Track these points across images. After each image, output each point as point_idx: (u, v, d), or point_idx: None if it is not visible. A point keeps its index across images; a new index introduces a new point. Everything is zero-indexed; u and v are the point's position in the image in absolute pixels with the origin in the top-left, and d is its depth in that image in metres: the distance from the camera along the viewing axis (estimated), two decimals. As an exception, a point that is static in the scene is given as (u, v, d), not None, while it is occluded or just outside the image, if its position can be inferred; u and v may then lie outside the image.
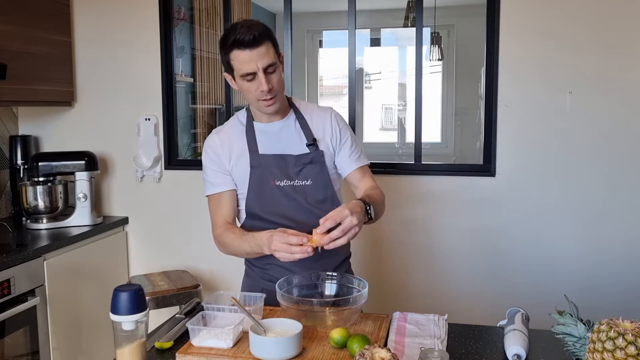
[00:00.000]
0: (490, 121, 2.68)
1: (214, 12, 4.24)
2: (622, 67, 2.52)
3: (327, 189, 1.74)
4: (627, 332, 1.07)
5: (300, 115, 1.77)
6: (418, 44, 2.81)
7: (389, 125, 6.64)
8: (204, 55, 4.23)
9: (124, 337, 1.21)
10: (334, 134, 1.77)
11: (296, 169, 1.71)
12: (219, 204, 1.76)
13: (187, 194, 3.00)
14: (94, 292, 2.72)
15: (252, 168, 1.71)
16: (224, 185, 1.74)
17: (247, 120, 1.76)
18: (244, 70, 1.59)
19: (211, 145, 1.76)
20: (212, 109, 4.43)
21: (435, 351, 1.17)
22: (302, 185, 1.71)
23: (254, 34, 1.56)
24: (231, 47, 1.58)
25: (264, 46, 1.58)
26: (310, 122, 1.76)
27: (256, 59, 1.57)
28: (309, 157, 1.72)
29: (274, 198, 1.71)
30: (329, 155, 1.76)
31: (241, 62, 1.58)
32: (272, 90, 1.62)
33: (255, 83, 1.60)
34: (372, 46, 6.56)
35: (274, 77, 1.62)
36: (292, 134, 1.75)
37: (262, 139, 1.73)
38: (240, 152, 1.73)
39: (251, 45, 1.56)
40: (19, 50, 2.61)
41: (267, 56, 1.59)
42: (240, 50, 1.57)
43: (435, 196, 2.76)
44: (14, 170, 2.96)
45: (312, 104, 1.84)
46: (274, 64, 1.61)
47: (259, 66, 1.58)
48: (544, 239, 2.66)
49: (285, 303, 1.46)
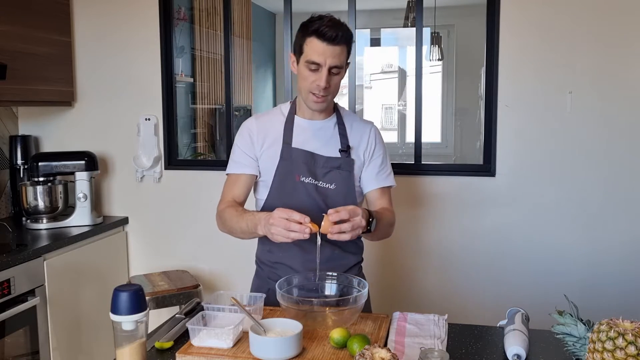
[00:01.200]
0: (490, 121, 2.68)
1: (214, 12, 4.24)
2: (622, 67, 2.52)
3: (349, 197, 1.74)
4: (627, 332, 1.07)
5: (341, 121, 1.78)
6: (418, 44, 2.81)
7: (389, 125, 6.64)
8: (204, 55, 4.23)
9: (124, 337, 1.21)
10: (369, 147, 1.78)
11: (324, 170, 1.72)
12: (234, 183, 1.77)
13: (187, 194, 3.00)
14: (94, 292, 2.72)
15: (281, 160, 1.71)
16: (247, 168, 1.75)
17: (290, 112, 1.77)
18: (312, 58, 1.60)
19: (248, 127, 1.77)
20: (212, 109, 4.43)
21: (435, 351, 1.17)
22: (325, 187, 1.72)
23: (337, 33, 1.58)
24: (312, 33, 1.59)
25: (340, 47, 1.60)
26: (349, 130, 1.77)
27: (329, 54, 1.59)
28: (339, 162, 1.73)
29: (294, 193, 1.70)
30: (359, 165, 1.77)
31: (313, 50, 1.60)
32: (327, 90, 1.64)
33: (315, 75, 1.62)
34: (372, 46, 6.56)
35: (335, 78, 1.64)
36: (328, 135, 1.75)
37: (298, 134, 1.74)
38: (274, 141, 1.74)
39: (330, 40, 1.58)
40: (19, 50, 2.61)
41: (338, 58, 1.61)
42: (319, 41, 1.59)
43: (435, 196, 2.76)
44: (14, 170, 2.96)
45: (355, 114, 1.85)
46: (340, 66, 1.63)
47: (327, 62, 1.60)
48: (544, 239, 2.66)
49: (285, 303, 1.46)
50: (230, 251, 2.94)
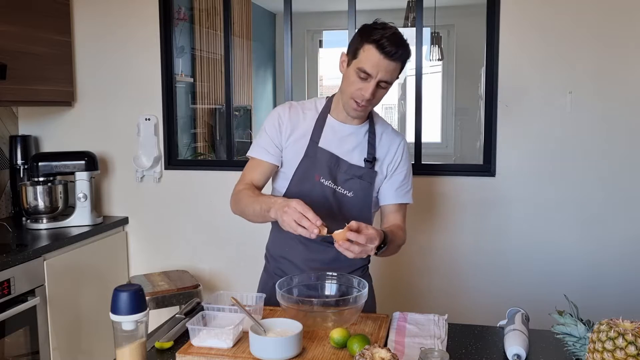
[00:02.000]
0: (490, 121, 2.68)
1: (214, 12, 4.24)
2: (622, 67, 2.52)
3: (365, 207, 1.73)
4: (627, 332, 1.07)
5: (373, 130, 1.75)
6: (418, 44, 2.81)
7: (389, 125, 6.63)
8: (204, 55, 4.23)
9: (124, 337, 1.21)
10: (394, 160, 1.76)
11: (345, 176, 1.69)
12: (255, 168, 1.74)
13: (187, 194, 3.00)
14: (94, 292, 2.72)
15: (305, 156, 1.69)
16: (270, 156, 1.72)
17: (323, 110, 1.73)
18: (365, 67, 1.56)
19: (280, 114, 1.73)
20: (212, 109, 4.43)
21: (435, 351, 1.17)
22: (342, 193, 1.69)
23: (399, 50, 1.55)
24: (372, 42, 1.55)
25: (395, 64, 1.57)
26: (378, 141, 1.74)
27: (382, 68, 1.55)
28: (362, 171, 1.70)
29: (312, 193, 1.68)
30: (381, 178, 1.74)
31: (368, 59, 1.55)
32: (370, 102, 1.61)
33: (363, 83, 1.58)
34: (372, 46, 6.55)
35: (380, 92, 1.62)
36: (357, 142, 1.72)
37: (327, 134, 1.71)
38: (302, 135, 1.71)
39: (389, 55, 1.54)
40: (19, 50, 2.61)
41: (390, 74, 1.58)
42: (377, 52, 1.54)
43: (435, 196, 2.76)
44: (14, 170, 2.96)
45: (388, 124, 1.82)
46: (390, 83, 1.61)
47: (379, 76, 1.56)
48: (544, 238, 2.66)
49: (285, 303, 1.46)
50: (230, 251, 2.94)
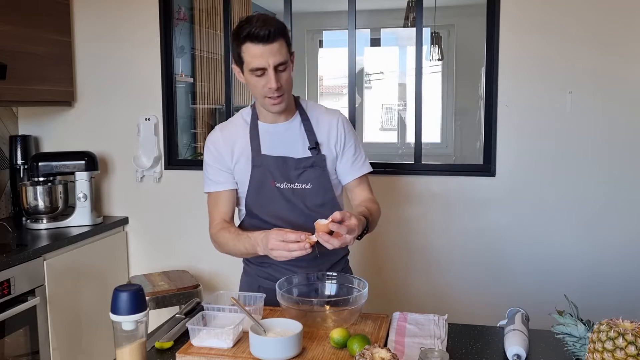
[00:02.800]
0: (490, 121, 2.68)
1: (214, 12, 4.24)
2: (622, 67, 2.52)
3: (327, 193, 1.73)
4: (627, 332, 1.07)
5: (305, 117, 1.74)
6: (418, 44, 2.81)
7: (389, 125, 6.64)
8: (204, 55, 4.23)
9: (124, 337, 1.21)
10: (338, 139, 1.74)
11: (297, 172, 1.69)
12: (217, 202, 1.74)
13: (187, 194, 3.00)
14: (94, 292, 2.72)
15: (253, 168, 1.70)
16: (224, 184, 1.73)
17: (252, 119, 1.73)
18: (254, 65, 1.56)
19: (213, 142, 1.74)
20: (212, 109, 4.43)
21: (435, 351, 1.17)
22: (301, 188, 1.70)
23: (269, 30, 1.53)
24: (244, 39, 1.55)
25: (277, 43, 1.55)
26: (315, 125, 1.73)
27: (268, 55, 1.54)
28: (310, 160, 1.70)
29: (273, 199, 1.70)
30: (332, 159, 1.74)
31: (252, 56, 1.55)
32: (280, 89, 1.59)
33: (263, 79, 1.58)
34: (372, 46, 6.56)
35: (283, 75, 1.59)
36: (295, 136, 1.72)
37: (265, 139, 1.71)
38: (243, 151, 1.71)
39: (265, 40, 1.53)
40: (19, 50, 2.61)
41: (279, 54, 1.56)
42: (253, 44, 1.54)
43: (435, 196, 2.76)
44: (14, 170, 2.96)
45: (320, 105, 1.81)
46: (285, 62, 1.58)
47: (270, 63, 1.55)
48: (544, 238, 2.66)
49: (285, 303, 1.46)
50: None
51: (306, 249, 1.45)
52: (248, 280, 1.84)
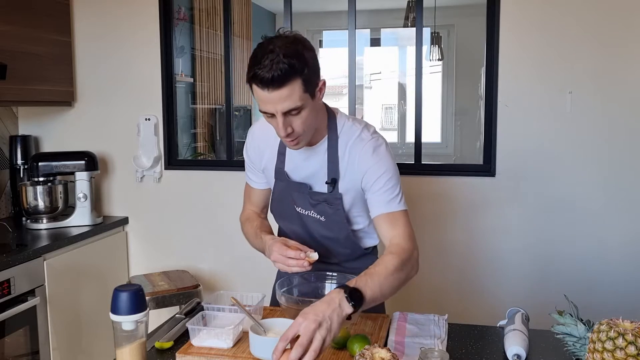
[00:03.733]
0: (490, 121, 2.68)
1: (214, 12, 4.24)
2: (622, 67, 2.52)
3: (341, 230, 1.60)
4: (627, 332, 1.07)
5: (334, 143, 1.54)
6: (418, 44, 2.81)
7: (389, 125, 6.63)
8: (204, 55, 4.23)
9: (124, 337, 1.21)
10: (364, 171, 1.52)
11: (313, 202, 1.59)
12: (249, 194, 1.79)
13: (187, 194, 3.00)
14: (94, 292, 2.72)
15: (276, 180, 1.64)
16: (255, 182, 1.75)
17: None
18: (262, 109, 1.40)
19: (249, 140, 1.70)
20: (212, 109, 4.43)
21: (435, 351, 1.17)
22: (315, 218, 1.62)
23: (273, 74, 1.31)
24: (250, 80, 1.36)
25: (286, 88, 1.33)
26: (342, 153, 1.53)
27: (276, 101, 1.34)
28: (324, 197, 1.57)
29: (290, 216, 1.67)
30: (352, 195, 1.56)
31: (259, 99, 1.37)
32: (293, 134, 1.42)
33: (274, 121, 1.40)
34: (372, 46, 6.56)
35: (296, 119, 1.39)
36: (318, 163, 1.56)
37: (290, 158, 1.60)
38: (270, 158, 1.64)
39: (269, 86, 1.32)
40: (19, 50, 2.61)
41: (288, 100, 1.35)
42: (259, 89, 1.34)
43: (435, 196, 2.76)
44: (14, 170, 2.95)
45: (357, 126, 1.55)
46: (297, 107, 1.36)
47: (278, 109, 1.36)
48: (544, 238, 2.66)
49: (285, 303, 1.46)
50: (230, 251, 2.94)
51: (305, 267, 1.45)
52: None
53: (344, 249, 1.67)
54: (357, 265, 1.66)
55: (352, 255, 1.69)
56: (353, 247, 1.67)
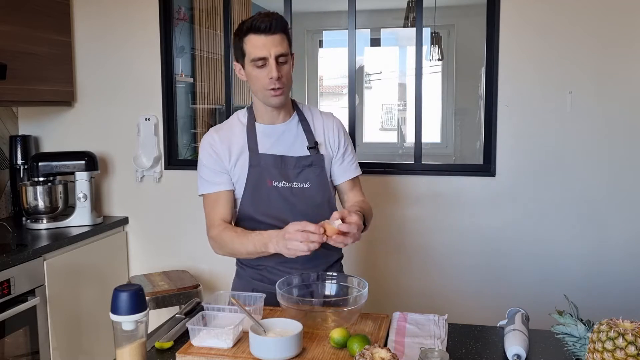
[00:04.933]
0: (490, 121, 2.68)
1: (214, 12, 4.24)
2: (622, 67, 2.52)
3: (325, 192, 1.74)
4: (627, 332, 1.07)
5: (303, 117, 1.76)
6: (418, 44, 2.81)
7: (389, 125, 6.64)
8: (204, 55, 4.23)
9: (124, 337, 1.21)
10: (334, 140, 1.78)
11: (296, 170, 1.70)
12: (215, 203, 1.71)
13: (187, 194, 2.99)
14: (94, 292, 2.72)
15: (250, 167, 1.69)
16: (222, 184, 1.71)
17: (248, 120, 1.74)
18: (256, 54, 1.59)
19: (210, 143, 1.72)
20: (212, 109, 4.43)
21: (435, 351, 1.17)
22: (300, 187, 1.70)
23: (271, 22, 1.58)
24: (247, 32, 1.60)
25: (279, 35, 1.60)
26: (312, 126, 1.76)
27: (270, 45, 1.58)
28: (310, 159, 1.71)
29: (270, 199, 1.69)
30: (329, 159, 1.77)
31: (254, 47, 1.59)
32: (281, 80, 1.61)
33: (265, 70, 1.60)
34: (372, 46, 6.56)
35: (284, 67, 1.63)
36: (293, 136, 1.74)
37: (262, 140, 1.71)
38: (240, 151, 1.70)
39: (267, 31, 1.58)
40: (19, 50, 2.61)
41: (280, 45, 1.60)
42: (256, 35, 1.59)
43: (435, 196, 2.76)
44: (14, 170, 2.96)
45: (315, 107, 1.84)
46: (286, 54, 1.62)
47: (272, 53, 1.59)
48: (544, 238, 2.66)
49: (285, 303, 1.46)
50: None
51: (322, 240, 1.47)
52: (241, 283, 1.83)
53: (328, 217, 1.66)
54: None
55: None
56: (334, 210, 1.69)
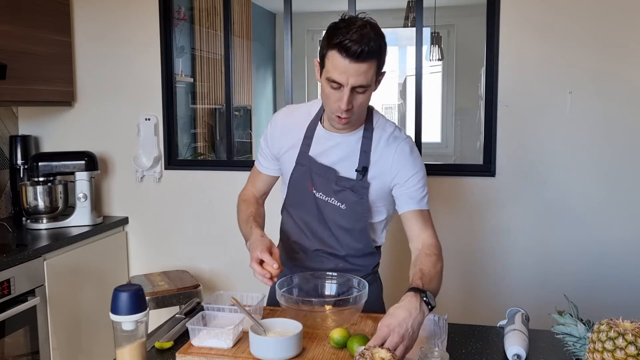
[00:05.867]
0: (490, 121, 2.68)
1: (214, 12, 4.24)
2: (622, 67, 2.52)
3: (360, 220, 1.63)
4: (627, 332, 1.07)
5: (369, 134, 1.59)
6: (418, 44, 2.81)
7: (389, 125, 6.63)
8: (204, 55, 4.23)
9: (124, 337, 1.21)
10: (392, 169, 1.58)
11: (337, 188, 1.59)
12: (255, 177, 1.80)
13: (187, 194, 3.00)
14: (94, 292, 2.72)
15: (297, 165, 1.64)
16: (266, 168, 1.76)
17: (315, 117, 1.65)
18: (333, 76, 1.42)
19: (275, 122, 1.70)
20: (212, 109, 4.43)
21: (435, 351, 1.17)
22: (336, 206, 1.61)
23: (362, 48, 1.37)
24: (334, 46, 1.40)
25: (366, 64, 1.40)
26: (375, 145, 1.59)
27: (351, 73, 1.40)
28: (352, 183, 1.59)
29: (306, 204, 1.65)
30: (378, 188, 1.60)
31: (334, 67, 1.41)
32: (350, 111, 1.46)
33: (337, 93, 1.44)
34: (372, 46, 6.55)
35: (359, 97, 1.46)
36: (349, 151, 1.59)
37: (317, 142, 1.62)
38: (294, 143, 1.65)
39: (354, 57, 1.38)
40: (19, 50, 2.61)
41: (364, 76, 1.41)
42: (341, 57, 1.39)
43: (435, 196, 2.76)
44: (14, 170, 2.95)
45: (392, 125, 1.64)
46: (367, 85, 1.44)
47: (350, 82, 1.41)
48: (544, 238, 2.66)
49: (285, 303, 1.46)
50: (230, 251, 2.94)
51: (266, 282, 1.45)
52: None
53: (357, 243, 1.67)
54: (362, 262, 1.72)
55: (362, 251, 1.70)
56: (366, 241, 1.67)
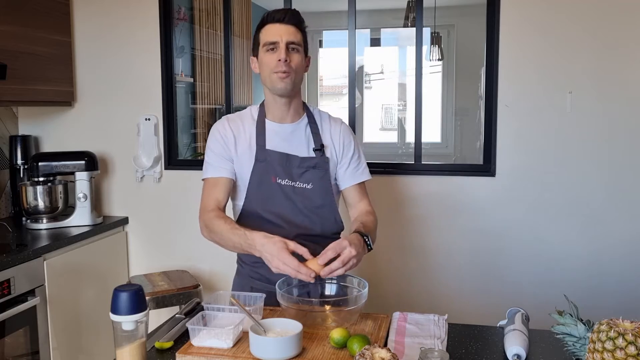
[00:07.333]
0: (490, 121, 2.68)
1: (214, 12, 4.24)
2: (622, 67, 2.52)
3: (327, 195, 1.75)
4: (627, 332, 1.07)
5: (312, 120, 1.79)
6: (418, 44, 2.81)
7: (389, 125, 6.64)
8: (204, 55, 4.23)
9: (124, 337, 1.21)
10: (339, 144, 1.80)
11: (299, 170, 1.72)
12: (214, 187, 1.75)
13: (187, 194, 3.00)
14: (94, 292, 2.72)
15: (256, 162, 1.72)
16: (224, 171, 1.74)
17: (259, 115, 1.77)
18: (267, 39, 1.66)
19: (219, 129, 1.76)
20: (212, 109, 4.43)
21: (435, 351, 1.17)
22: (302, 187, 1.72)
23: (287, 13, 1.67)
24: (264, 22, 1.68)
25: (293, 27, 1.67)
26: (320, 129, 1.79)
27: (282, 32, 1.65)
28: (314, 161, 1.74)
29: (273, 196, 1.71)
30: (333, 163, 1.78)
31: (267, 33, 1.67)
32: (288, 64, 1.64)
33: (275, 54, 1.65)
34: (372, 46, 6.56)
35: (294, 55, 1.67)
36: (301, 137, 1.76)
37: (271, 136, 1.74)
38: (247, 144, 1.74)
39: (281, 20, 1.66)
40: (19, 50, 2.61)
41: (293, 35, 1.66)
42: (271, 24, 1.67)
43: (435, 196, 2.76)
44: (14, 170, 2.96)
45: (325, 112, 1.87)
46: (298, 44, 1.67)
47: (283, 38, 1.64)
48: (544, 238, 2.66)
49: (285, 303, 1.46)
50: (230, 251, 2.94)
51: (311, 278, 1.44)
52: (240, 282, 1.84)
53: (327, 220, 1.74)
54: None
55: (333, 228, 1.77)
56: (334, 214, 1.76)
